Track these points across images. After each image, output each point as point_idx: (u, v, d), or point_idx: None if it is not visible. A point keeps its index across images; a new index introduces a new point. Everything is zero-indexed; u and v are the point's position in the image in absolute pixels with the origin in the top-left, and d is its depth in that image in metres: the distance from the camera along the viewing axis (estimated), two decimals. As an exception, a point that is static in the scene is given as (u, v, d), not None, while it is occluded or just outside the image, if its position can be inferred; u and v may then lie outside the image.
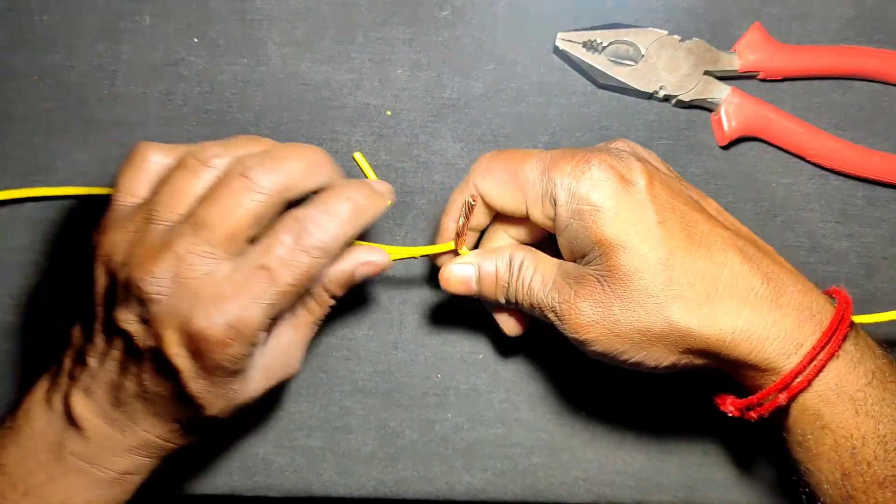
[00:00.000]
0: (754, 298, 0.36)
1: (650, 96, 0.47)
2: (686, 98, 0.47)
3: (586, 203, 0.36)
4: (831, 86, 0.48)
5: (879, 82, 0.48)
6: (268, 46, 0.47)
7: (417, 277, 0.47)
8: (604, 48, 0.47)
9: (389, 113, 0.48)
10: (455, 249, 0.41)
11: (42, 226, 0.47)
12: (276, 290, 0.35)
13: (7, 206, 0.47)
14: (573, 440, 0.47)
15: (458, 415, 0.47)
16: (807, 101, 0.48)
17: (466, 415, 0.47)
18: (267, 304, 0.35)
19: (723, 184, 0.48)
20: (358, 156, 0.47)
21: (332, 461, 0.47)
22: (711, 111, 0.48)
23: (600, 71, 0.47)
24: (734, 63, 0.47)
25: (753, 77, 0.48)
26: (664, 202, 0.36)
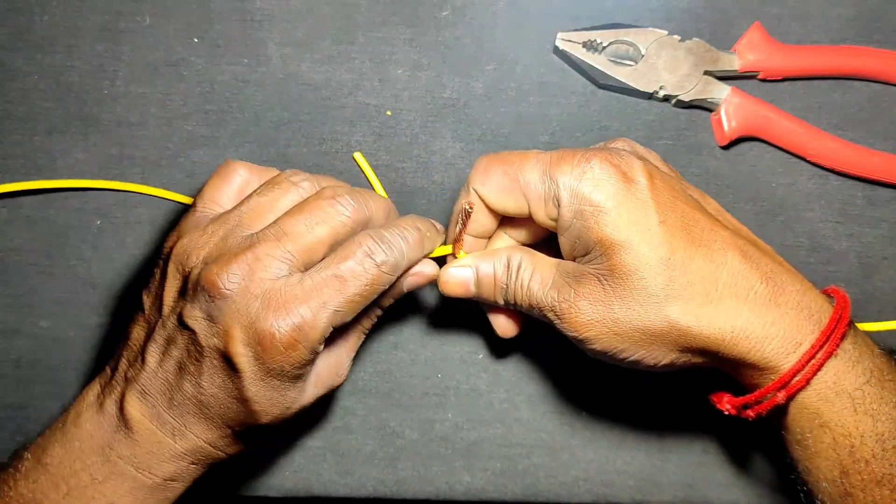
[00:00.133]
0: (753, 298, 0.36)
1: (650, 96, 0.47)
2: (686, 98, 0.47)
3: (588, 203, 0.36)
4: (831, 86, 0.48)
5: (879, 82, 0.48)
6: (268, 46, 0.47)
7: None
8: (604, 48, 0.47)
9: (389, 113, 0.48)
10: (453, 254, 0.41)
11: (42, 226, 0.47)
12: (344, 299, 0.36)
13: (7, 206, 0.47)
14: (573, 440, 0.47)
15: (458, 415, 0.47)
16: (807, 101, 0.48)
17: (466, 415, 0.47)
18: (333, 311, 0.36)
19: (723, 184, 0.48)
20: (358, 156, 0.47)
21: (332, 461, 0.47)
22: (711, 111, 0.48)
23: (600, 71, 0.47)
24: (734, 63, 0.47)
25: (753, 77, 0.48)
26: (665, 201, 0.37)
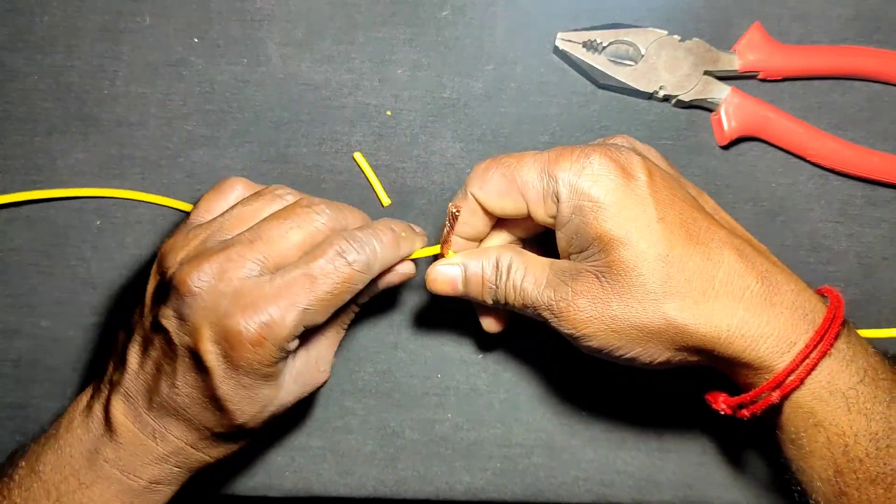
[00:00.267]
0: (749, 297, 0.36)
1: (650, 96, 0.47)
2: (686, 98, 0.47)
3: (588, 198, 0.36)
4: (831, 86, 0.48)
5: (879, 82, 0.48)
6: (268, 46, 0.47)
7: (417, 278, 0.47)
8: (604, 48, 0.47)
9: (389, 113, 0.48)
10: (441, 255, 0.41)
11: (42, 226, 0.47)
12: (314, 297, 0.36)
13: (7, 207, 0.47)
14: (573, 440, 0.47)
15: (458, 415, 0.47)
16: (807, 101, 0.48)
17: (466, 415, 0.47)
18: (303, 309, 0.36)
19: (723, 184, 0.48)
20: (358, 156, 0.47)
21: (332, 461, 0.47)
22: (711, 111, 0.48)
23: (600, 71, 0.47)
24: (734, 63, 0.47)
25: (753, 77, 0.48)
26: (664, 198, 0.37)
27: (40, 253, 0.47)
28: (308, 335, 0.40)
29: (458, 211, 0.39)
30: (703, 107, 0.48)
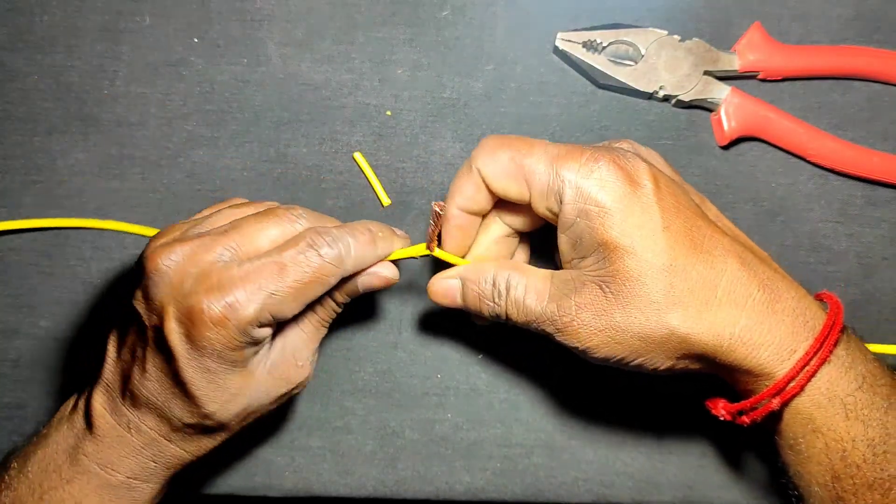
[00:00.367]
0: (751, 305, 0.36)
1: (650, 96, 0.47)
2: (686, 98, 0.47)
3: (594, 203, 0.36)
4: (831, 86, 0.48)
5: (879, 82, 0.48)
6: (268, 46, 0.47)
7: (417, 278, 0.47)
8: (604, 48, 0.47)
9: (389, 113, 0.48)
10: (429, 252, 0.41)
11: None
12: (282, 285, 0.36)
13: (7, 206, 0.47)
14: (573, 440, 0.47)
15: (458, 415, 0.47)
16: (807, 101, 0.48)
17: (466, 415, 0.47)
18: (268, 294, 0.36)
19: (723, 184, 0.48)
20: (358, 156, 0.47)
21: (332, 461, 0.47)
22: (711, 111, 0.48)
23: (600, 71, 0.47)
24: (734, 63, 0.47)
25: (753, 77, 0.48)
26: (669, 206, 0.37)
27: (40, 253, 0.47)
28: (283, 328, 0.40)
29: (442, 209, 0.39)
30: (703, 107, 0.48)
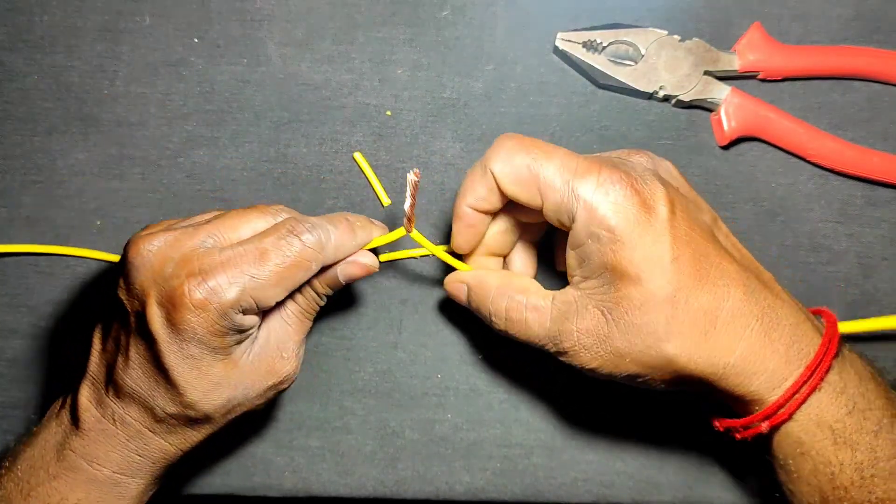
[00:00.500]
0: (749, 335, 0.36)
1: (650, 96, 0.47)
2: (686, 98, 0.47)
3: (605, 228, 0.36)
4: (831, 86, 0.48)
5: (879, 82, 0.48)
6: (268, 46, 0.47)
7: (417, 278, 0.47)
8: (604, 48, 0.47)
9: (389, 113, 0.48)
10: (407, 233, 0.40)
11: (42, 226, 0.47)
12: (263, 269, 0.36)
13: (7, 206, 0.47)
14: (573, 440, 0.47)
15: (458, 415, 0.47)
16: (807, 101, 0.48)
17: (466, 415, 0.47)
18: (249, 278, 0.36)
19: (723, 184, 0.48)
20: (358, 156, 0.47)
21: (332, 461, 0.47)
22: (711, 111, 0.48)
23: (600, 71, 0.47)
24: (734, 63, 0.47)
25: (753, 77, 0.48)
26: (681, 235, 0.36)
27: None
28: (268, 318, 0.40)
29: (418, 177, 0.39)
30: (703, 107, 0.48)
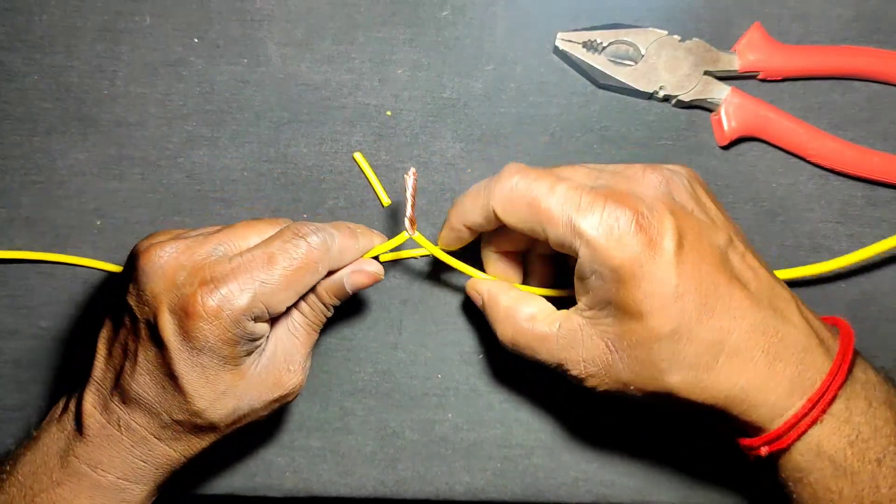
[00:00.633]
0: (752, 367, 0.36)
1: (650, 96, 0.47)
2: (686, 98, 0.47)
3: (608, 267, 0.35)
4: (831, 86, 0.48)
5: (879, 82, 0.48)
6: (268, 46, 0.47)
7: (417, 277, 0.47)
8: (604, 48, 0.47)
9: (389, 113, 0.48)
10: (410, 236, 0.40)
11: (42, 226, 0.47)
12: (272, 274, 0.37)
13: (7, 206, 0.47)
14: (573, 440, 0.47)
15: (458, 415, 0.47)
16: (807, 101, 0.48)
17: (466, 415, 0.47)
18: (260, 283, 0.36)
19: (723, 184, 0.48)
20: (358, 156, 0.47)
21: (332, 461, 0.47)
22: (711, 111, 0.48)
23: (600, 71, 0.47)
24: (734, 63, 0.47)
25: (753, 77, 0.48)
26: (687, 270, 0.36)
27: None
28: (276, 331, 0.40)
29: (416, 178, 0.39)
30: (703, 107, 0.48)
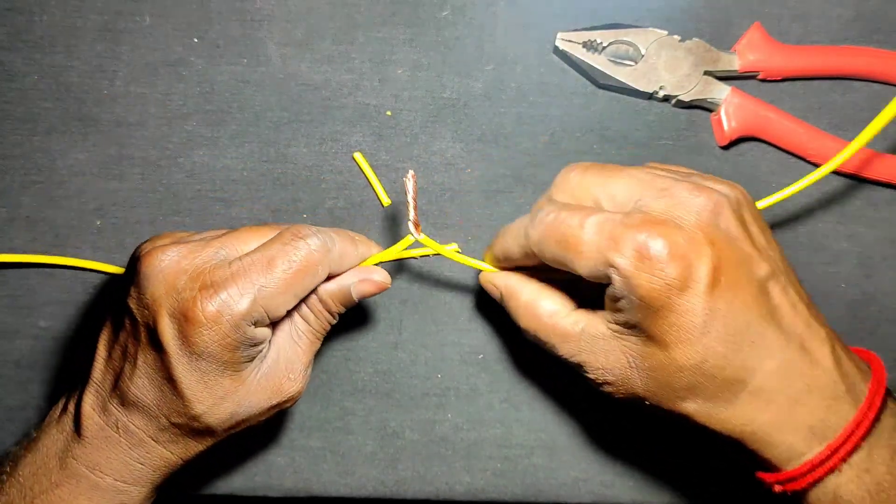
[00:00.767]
0: (773, 408, 0.36)
1: (650, 96, 0.47)
2: (686, 98, 0.47)
3: (638, 296, 0.35)
4: (831, 86, 0.48)
5: (879, 82, 0.48)
6: (267, 46, 0.47)
7: (417, 278, 0.47)
8: (604, 48, 0.47)
9: (389, 113, 0.48)
10: (415, 237, 0.40)
11: (42, 226, 0.47)
12: (271, 277, 0.37)
13: (7, 206, 0.47)
14: (573, 440, 0.47)
15: (458, 415, 0.47)
16: (807, 101, 0.48)
17: (466, 415, 0.47)
18: (259, 287, 0.36)
19: (723, 184, 0.48)
20: (358, 156, 0.47)
21: (332, 461, 0.47)
22: (711, 111, 0.48)
23: (600, 71, 0.47)
24: (734, 63, 0.47)
25: (753, 77, 0.48)
26: (720, 307, 0.35)
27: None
28: (277, 335, 0.40)
29: (415, 179, 0.39)
30: (703, 107, 0.48)
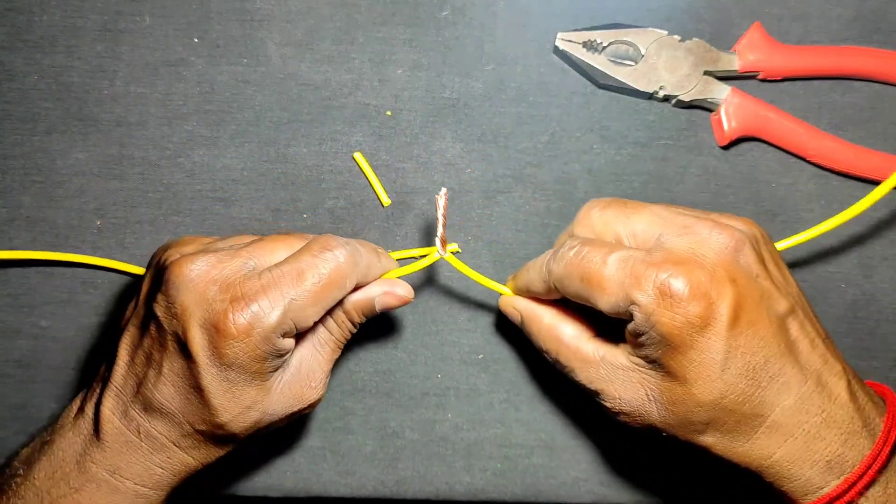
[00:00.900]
0: (791, 443, 0.36)
1: (650, 96, 0.47)
2: (686, 98, 0.47)
3: (659, 333, 0.35)
4: (831, 86, 0.48)
5: (879, 82, 0.48)
6: (268, 46, 0.47)
7: (417, 278, 0.47)
8: (604, 48, 0.47)
9: (389, 113, 0.48)
10: (440, 253, 0.41)
11: (42, 226, 0.47)
12: (301, 289, 0.37)
13: (7, 206, 0.47)
14: (573, 440, 0.47)
15: (458, 415, 0.47)
16: (807, 101, 0.48)
17: (466, 415, 0.47)
18: (290, 300, 0.36)
19: (723, 184, 0.48)
20: (358, 156, 0.47)
21: (332, 461, 0.47)
22: (711, 111, 0.48)
23: (600, 71, 0.47)
24: (734, 63, 0.47)
25: (753, 77, 0.48)
26: (740, 344, 0.35)
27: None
28: (299, 344, 0.40)
29: (447, 197, 0.40)
30: (703, 107, 0.48)
